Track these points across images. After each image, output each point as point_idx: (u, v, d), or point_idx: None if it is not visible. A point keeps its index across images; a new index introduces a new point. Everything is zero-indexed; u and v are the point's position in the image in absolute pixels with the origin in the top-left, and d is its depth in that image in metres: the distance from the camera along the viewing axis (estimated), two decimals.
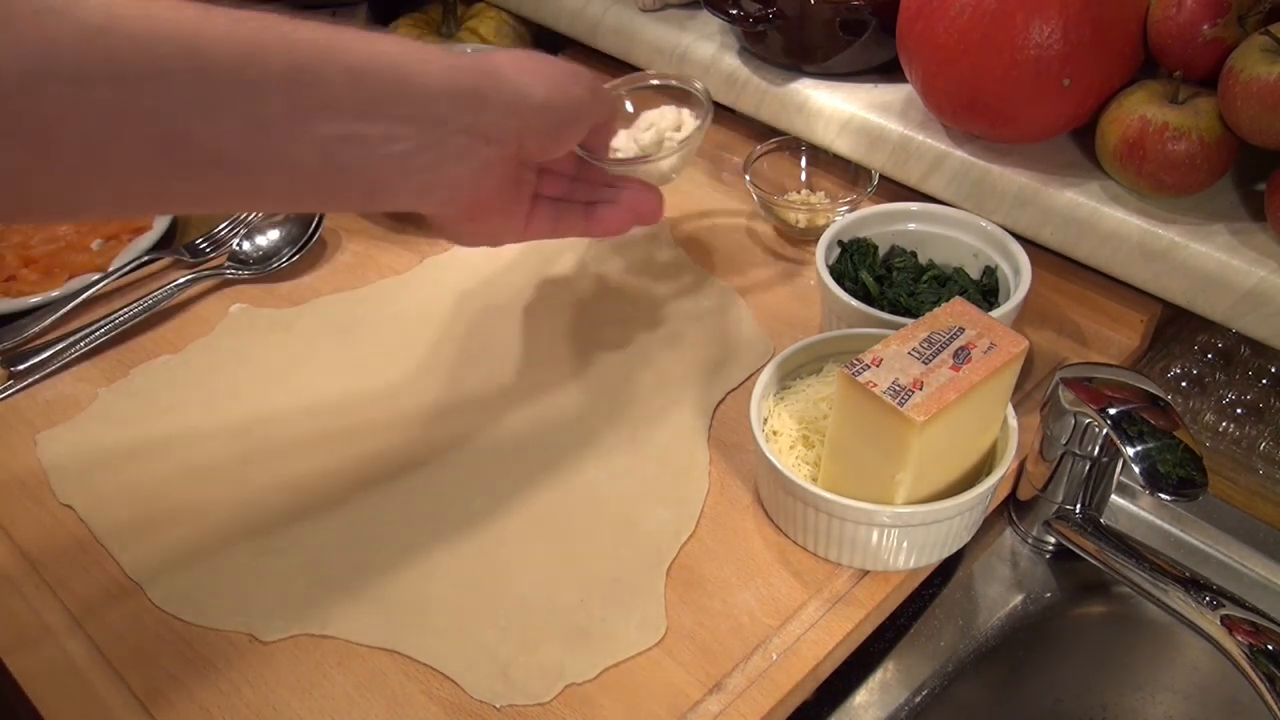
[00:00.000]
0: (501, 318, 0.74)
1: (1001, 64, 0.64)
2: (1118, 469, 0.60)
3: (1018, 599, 0.61)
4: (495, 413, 0.67)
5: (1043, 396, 0.58)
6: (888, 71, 0.78)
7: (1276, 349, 0.62)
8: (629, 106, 0.72)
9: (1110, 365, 0.57)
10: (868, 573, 0.57)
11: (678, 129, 0.69)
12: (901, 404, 0.49)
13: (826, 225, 0.74)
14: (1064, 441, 0.56)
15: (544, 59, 0.54)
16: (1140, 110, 0.63)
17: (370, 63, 0.45)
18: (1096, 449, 0.56)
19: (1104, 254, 0.67)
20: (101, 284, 0.77)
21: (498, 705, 0.52)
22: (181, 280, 0.77)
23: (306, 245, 0.80)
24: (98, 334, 0.73)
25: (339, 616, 0.56)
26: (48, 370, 0.71)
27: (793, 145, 0.84)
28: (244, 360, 0.72)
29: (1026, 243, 0.68)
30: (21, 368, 0.71)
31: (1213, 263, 0.62)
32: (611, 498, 0.61)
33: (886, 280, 0.69)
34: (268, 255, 0.80)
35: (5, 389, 0.70)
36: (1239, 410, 0.68)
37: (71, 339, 0.72)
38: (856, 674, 0.57)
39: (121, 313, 0.74)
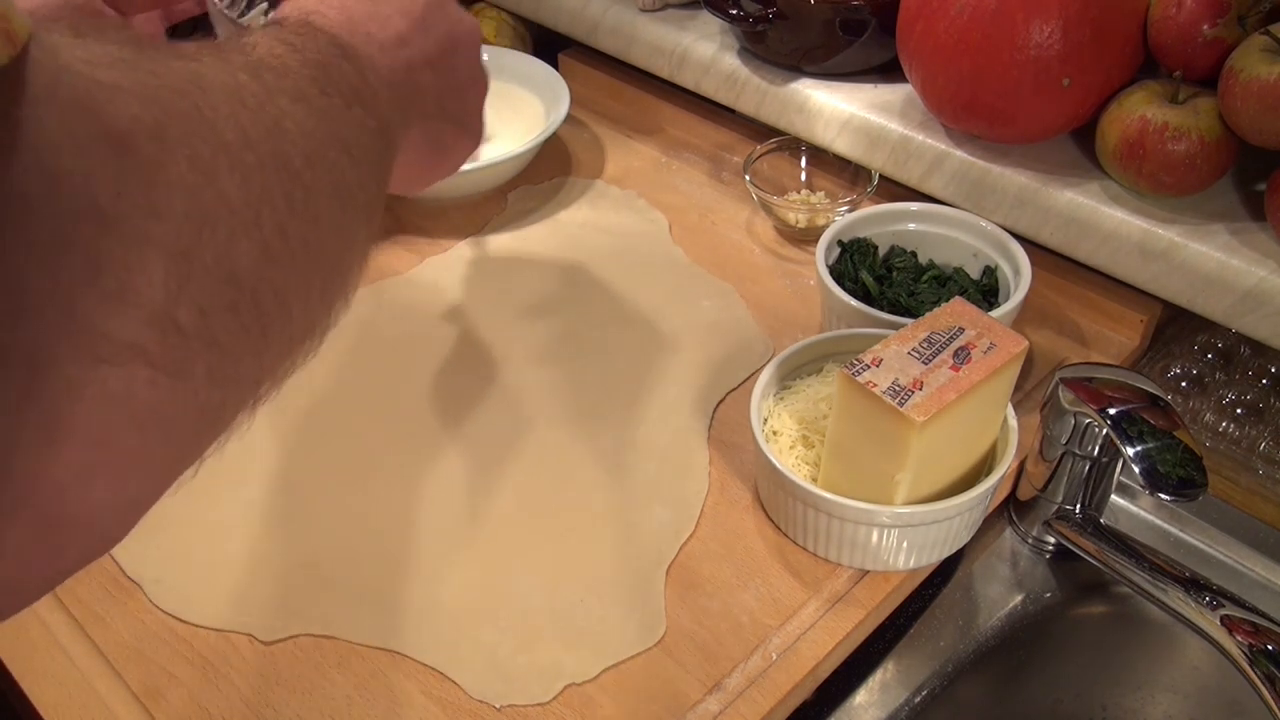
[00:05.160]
0: (502, 317, 0.74)
1: (1001, 64, 0.64)
2: (1118, 469, 0.59)
3: (1018, 599, 0.61)
4: (495, 412, 0.67)
5: (1043, 396, 0.57)
6: (888, 71, 0.78)
7: (1276, 349, 0.62)
8: None
9: (1110, 365, 0.57)
10: (868, 573, 0.57)
11: None
12: (901, 404, 0.49)
13: (826, 225, 0.74)
14: (1064, 441, 0.56)
15: None
16: (1140, 110, 0.62)
17: None
18: (1096, 449, 0.56)
19: (1104, 254, 0.67)
20: None
21: (497, 705, 0.52)
22: None
23: None
24: None
25: (339, 616, 0.56)
26: None
27: (793, 145, 0.84)
28: None
29: (1026, 243, 0.68)
30: None
31: (1212, 263, 0.62)
32: (612, 497, 0.61)
33: (886, 280, 0.69)
34: None
35: None
36: (1239, 410, 0.68)
37: None
38: (856, 674, 0.57)
39: None
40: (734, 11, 0.78)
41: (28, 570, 0.26)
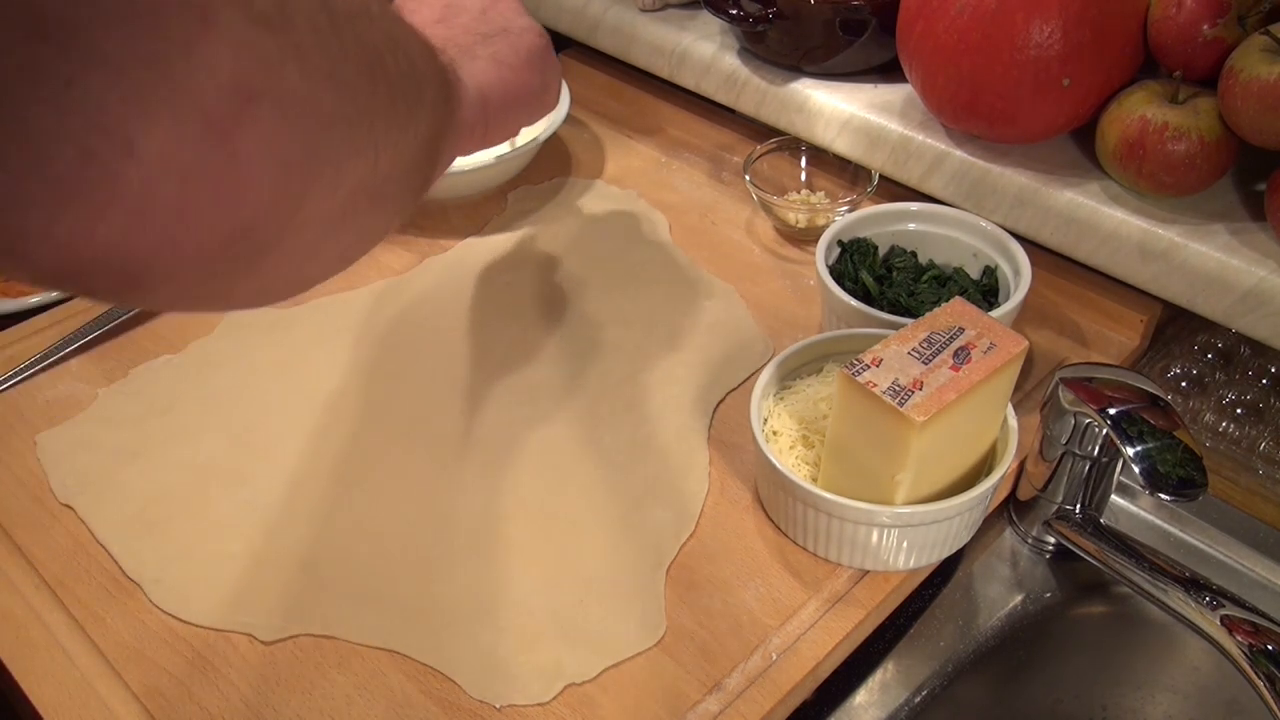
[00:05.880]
0: (502, 318, 0.74)
1: (1001, 64, 0.64)
2: (1118, 469, 0.60)
3: (1018, 599, 0.61)
4: (496, 412, 0.67)
5: (1043, 396, 0.58)
6: (888, 71, 0.78)
7: (1276, 349, 0.62)
8: None
9: (1110, 365, 0.57)
10: (868, 573, 0.57)
11: None
12: (901, 404, 0.49)
13: (826, 225, 0.74)
14: (1064, 441, 0.56)
15: None
16: (1140, 110, 0.63)
17: None
18: (1096, 449, 0.56)
19: (1104, 254, 0.67)
20: None
21: (498, 705, 0.52)
22: None
23: None
24: (97, 332, 0.73)
25: (339, 616, 0.56)
26: (47, 363, 0.71)
27: (793, 145, 0.84)
28: (244, 360, 0.72)
29: (1026, 243, 0.68)
30: (21, 366, 0.71)
31: (1212, 263, 0.62)
32: (611, 498, 0.61)
33: (886, 280, 0.69)
34: None
35: (5, 386, 0.70)
36: (1239, 410, 0.68)
37: (71, 337, 0.72)
38: (856, 674, 0.57)
39: (122, 311, 0.74)
40: (734, 11, 0.78)
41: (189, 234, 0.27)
